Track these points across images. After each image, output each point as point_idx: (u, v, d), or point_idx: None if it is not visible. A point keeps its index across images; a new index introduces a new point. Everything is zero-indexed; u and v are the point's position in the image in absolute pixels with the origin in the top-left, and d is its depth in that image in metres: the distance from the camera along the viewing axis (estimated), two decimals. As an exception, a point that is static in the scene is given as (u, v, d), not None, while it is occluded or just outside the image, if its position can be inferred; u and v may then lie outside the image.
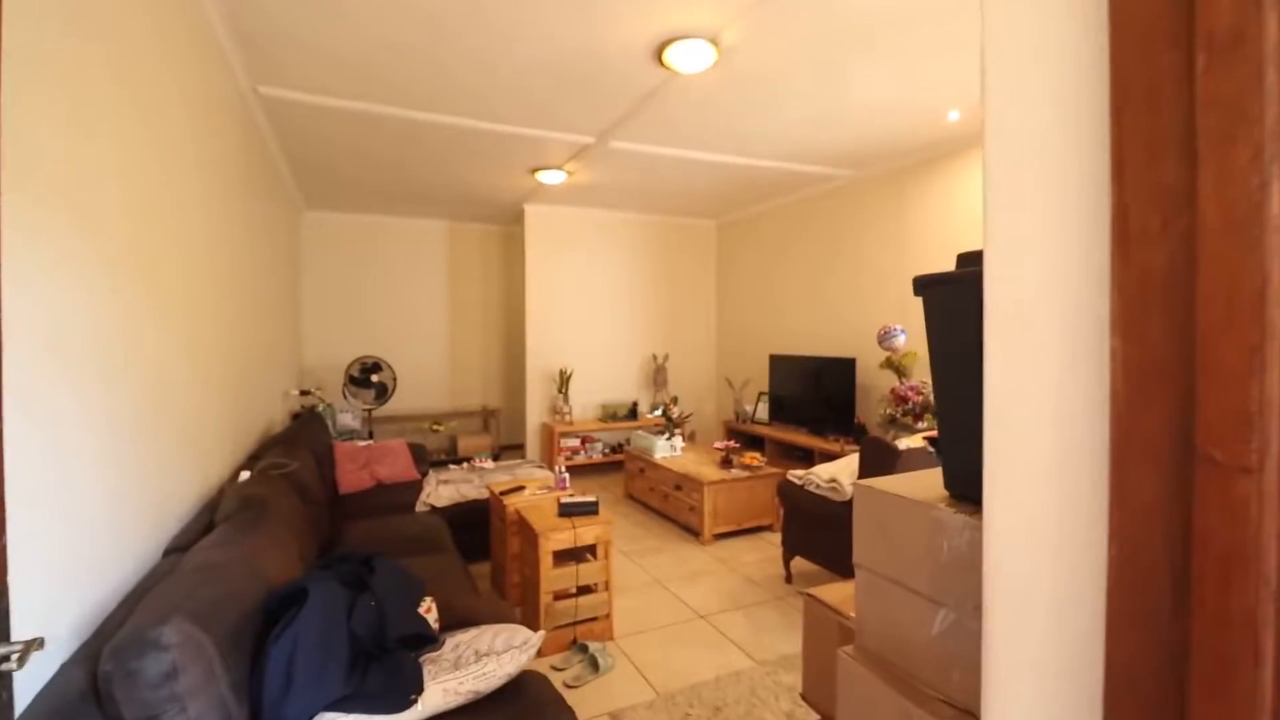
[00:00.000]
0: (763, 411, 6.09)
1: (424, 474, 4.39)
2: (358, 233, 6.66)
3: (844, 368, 5.08)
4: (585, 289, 6.60)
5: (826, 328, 5.60)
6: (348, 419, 5.40)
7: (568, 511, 2.94)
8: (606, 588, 2.94)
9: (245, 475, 2.66)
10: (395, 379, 6.11)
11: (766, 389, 6.12)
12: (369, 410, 6.01)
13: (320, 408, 4.94)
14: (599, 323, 6.70)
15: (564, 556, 2.88)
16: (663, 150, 4.39)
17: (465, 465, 4.64)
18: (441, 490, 3.93)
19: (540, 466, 4.72)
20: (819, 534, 3.29)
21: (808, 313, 5.84)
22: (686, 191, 5.75)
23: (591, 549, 2.95)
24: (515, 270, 7.33)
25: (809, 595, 1.93)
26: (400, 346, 6.84)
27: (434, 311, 7.07)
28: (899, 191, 4.84)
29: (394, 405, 6.44)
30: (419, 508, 3.74)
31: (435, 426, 6.72)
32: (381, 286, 6.79)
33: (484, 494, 3.85)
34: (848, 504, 3.08)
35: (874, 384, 5.02)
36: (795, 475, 3.47)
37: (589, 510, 2.96)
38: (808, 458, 5.32)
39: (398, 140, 4.14)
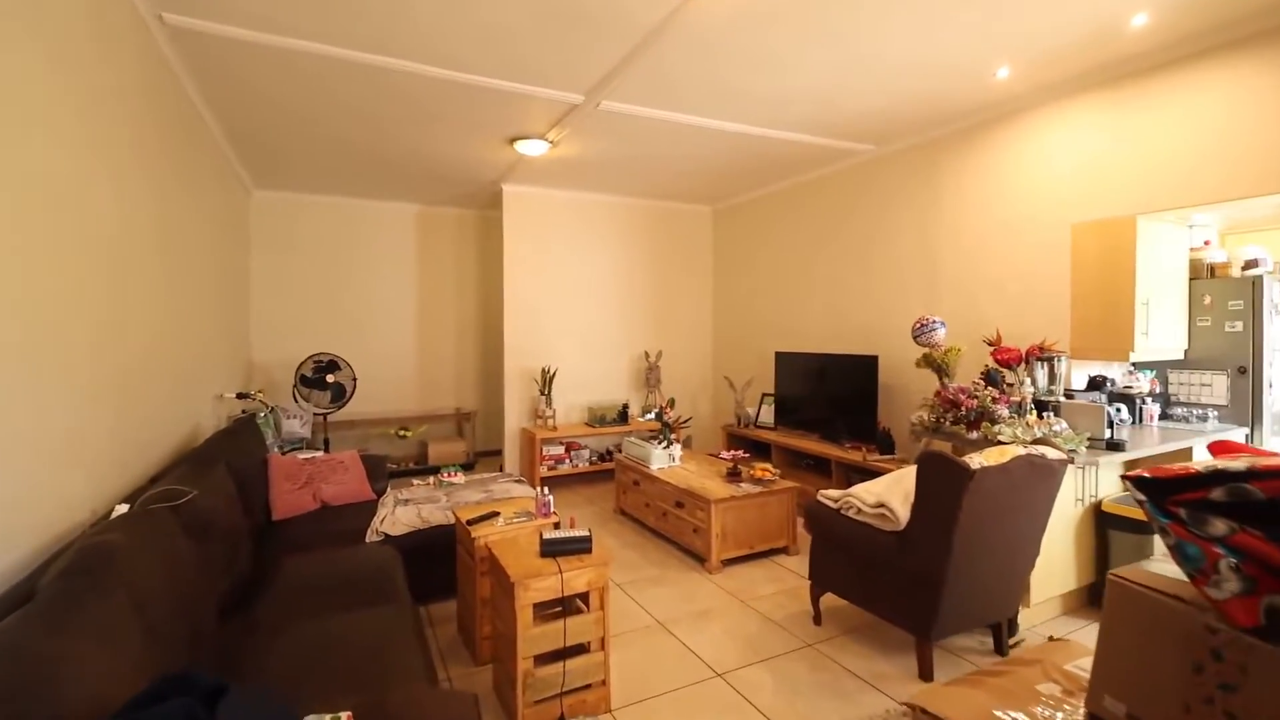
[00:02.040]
0: (767, 414, 5.50)
1: (380, 492, 3.72)
2: (315, 216, 5.94)
3: (864, 366, 4.50)
4: (570, 280, 5.96)
5: (842, 322, 5.02)
6: (295, 426, 4.70)
7: (552, 550, 2.30)
8: (602, 646, 2.32)
9: (121, 510, 2.00)
10: (355, 379, 5.41)
11: (771, 390, 5.54)
12: (324, 415, 5.31)
13: (262, 414, 4.24)
14: (585, 317, 6.06)
15: (548, 607, 2.25)
16: (660, 114, 3.77)
17: (431, 480, 3.97)
18: (400, 513, 3.27)
19: (519, 481, 4.07)
20: (859, 570, 2.70)
21: (820, 306, 5.26)
22: (682, 170, 5.13)
23: (584, 595, 2.32)
24: (492, 259, 6.66)
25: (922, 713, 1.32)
26: (363, 343, 6.14)
27: (402, 304, 6.37)
28: (931, 168, 4.27)
29: (355, 408, 5.74)
30: (370, 537, 3.08)
31: (403, 432, 6.03)
32: (343, 276, 6.08)
33: (450, 518, 3.20)
34: (900, 535, 2.49)
35: (899, 384, 4.45)
36: (828, 496, 2.88)
37: (580, 548, 2.33)
38: (821, 468, 4.75)
39: (348, 98, 3.47)
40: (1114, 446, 2.79)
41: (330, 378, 5.23)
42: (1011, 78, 3.33)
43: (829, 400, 4.85)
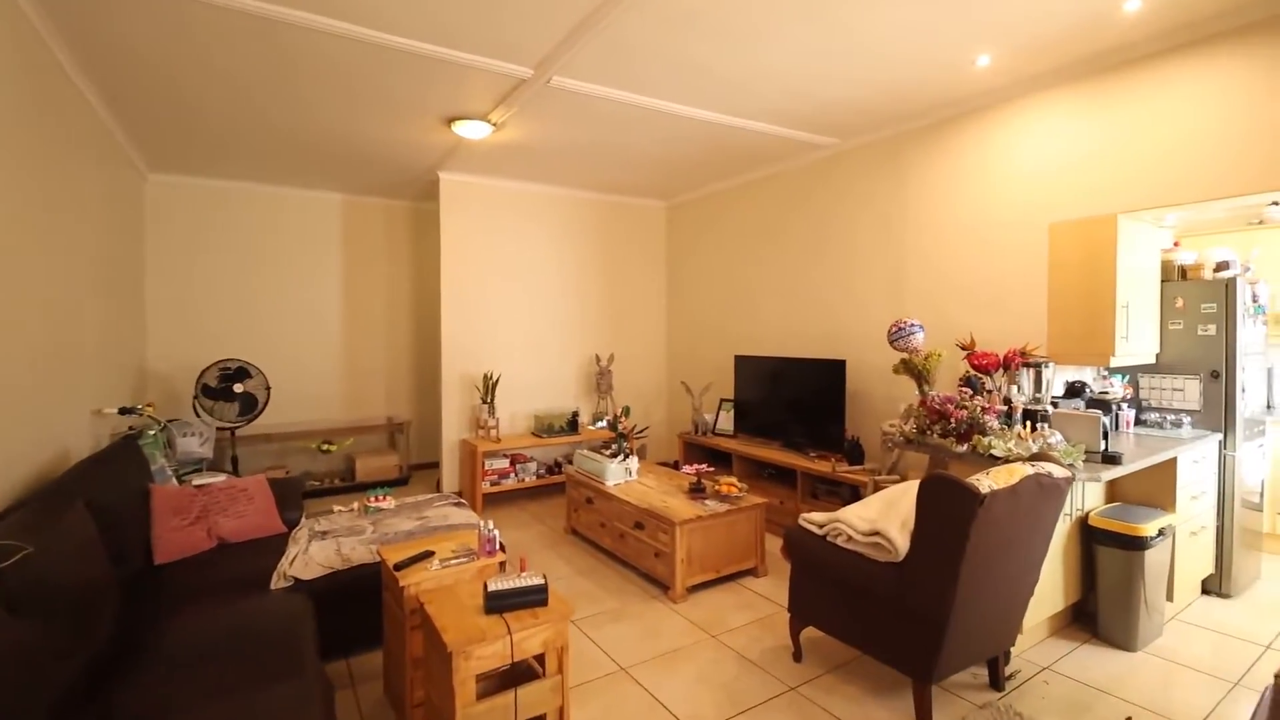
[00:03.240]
0: (725, 422, 5.22)
1: (293, 523, 3.19)
2: (223, 204, 5.26)
3: (830, 371, 4.26)
4: (514, 279, 5.50)
5: (805, 326, 4.78)
6: (194, 444, 4.07)
7: (500, 605, 1.90)
8: (561, 717, 1.92)
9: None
10: (269, 388, 4.79)
11: (730, 395, 5.26)
12: (232, 429, 4.66)
13: (151, 432, 3.61)
14: (531, 319, 5.61)
15: (496, 673, 1.85)
16: (618, 94, 3.40)
17: (355, 506, 3.46)
18: (315, 550, 2.77)
19: (459, 503, 3.61)
20: (848, 604, 2.40)
21: (781, 308, 5.01)
22: (638, 161, 4.78)
23: (539, 656, 1.93)
24: (428, 255, 6.13)
25: None
26: (281, 347, 5.49)
27: (325, 304, 5.75)
28: (896, 164, 4.07)
29: (270, 421, 5.11)
30: (277, 582, 2.57)
31: (326, 446, 5.42)
32: (256, 272, 5.41)
33: (376, 555, 2.73)
34: (898, 567, 2.21)
35: (865, 390, 4.24)
36: (812, 521, 2.58)
37: (533, 600, 1.93)
38: (784, 478, 4.49)
39: (254, 64, 2.93)
40: (1110, 459, 2.61)
41: (239, 387, 4.60)
42: (992, 67, 3.13)
43: (792, 407, 4.60)
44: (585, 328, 5.91)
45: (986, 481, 2.05)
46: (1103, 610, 2.84)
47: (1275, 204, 3.90)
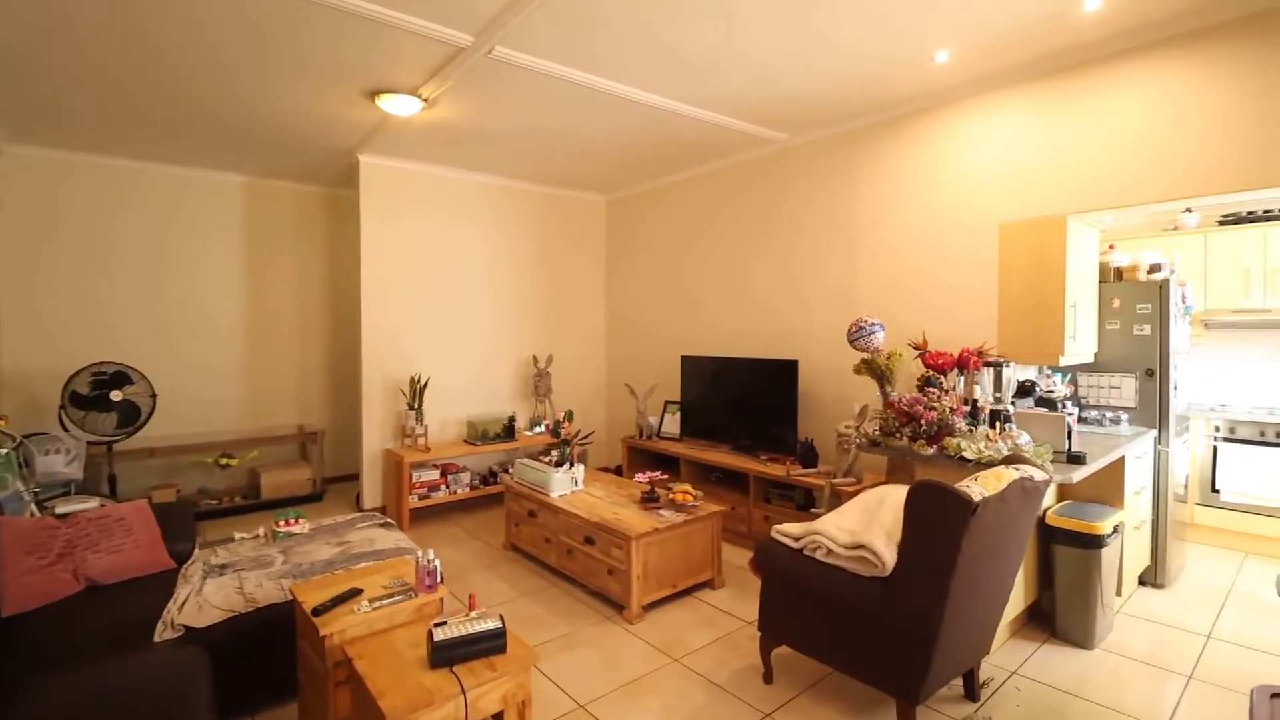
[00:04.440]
0: (671, 424, 5.02)
1: (184, 556, 2.71)
2: (97, 183, 4.54)
3: (782, 372, 4.15)
4: (444, 274, 5.08)
5: (754, 325, 4.66)
6: (58, 464, 3.44)
7: (449, 657, 1.59)
8: (523, 782, 1.64)
9: None
10: (155, 395, 4.17)
11: (676, 397, 5.07)
12: (108, 444, 4.02)
13: (2, 451, 2.99)
14: (463, 318, 5.21)
15: (443, 741, 1.54)
16: (567, 72, 3.12)
17: (262, 532, 3.00)
18: (211, 590, 2.33)
19: (385, 524, 3.22)
20: (828, 622, 2.24)
21: (729, 307, 4.87)
22: (582, 150, 4.50)
23: (498, 715, 1.63)
24: (346, 248, 5.59)
25: None
26: (170, 349, 4.82)
27: (224, 301, 5.11)
28: (847, 161, 4.00)
29: (156, 432, 4.47)
30: (163, 633, 2.13)
31: (225, 460, 4.80)
32: (139, 262, 4.72)
33: (289, 593, 2.33)
34: (885, 582, 2.07)
35: (818, 391, 4.16)
36: (786, 534, 2.40)
37: (489, 647, 1.63)
38: (733, 482, 4.35)
39: (138, 16, 2.44)
40: (1075, 459, 2.59)
41: (117, 394, 3.97)
42: (950, 64, 3.09)
43: (742, 409, 4.46)
44: (521, 327, 5.56)
45: (976, 488, 1.94)
46: (1060, 609, 2.84)
47: (1189, 211, 4.14)
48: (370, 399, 4.74)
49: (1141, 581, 3.38)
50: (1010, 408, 2.87)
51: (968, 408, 2.85)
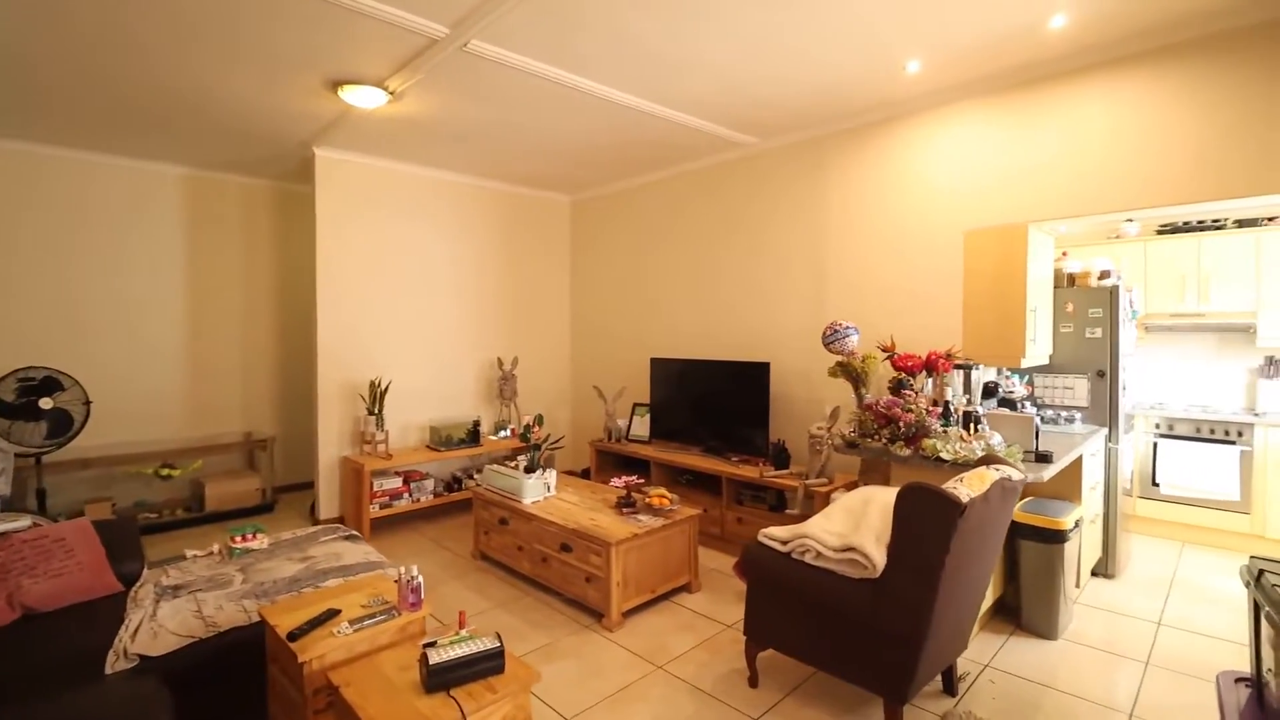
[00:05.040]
0: (640, 427, 4.99)
1: (132, 578, 2.51)
2: (22, 173, 4.17)
3: (754, 374, 4.17)
4: (404, 274, 4.90)
5: (724, 327, 4.67)
6: (-21, 479, 3.14)
7: (446, 680, 1.51)
8: (523, 806, 1.58)
9: None
10: (89, 403, 3.86)
11: (644, 400, 5.04)
12: (37, 455, 3.70)
13: (-89, 465, 2.71)
14: (424, 319, 5.04)
15: (441, 770, 1.46)
16: (543, 68, 3.04)
17: (217, 549, 2.82)
18: (166, 614, 2.16)
19: (350, 537, 3.08)
20: (817, 624, 2.26)
21: (699, 309, 4.87)
22: (551, 148, 4.41)
23: (492, 737, 1.56)
24: (298, 246, 5.33)
25: None
26: (104, 352, 4.49)
27: (164, 301, 4.79)
28: (817, 167, 4.06)
29: (90, 442, 4.15)
30: (115, 663, 1.95)
31: (166, 470, 4.50)
32: (68, 260, 4.37)
33: (252, 613, 2.18)
34: (875, 584, 2.09)
35: (788, 393, 4.20)
36: (774, 538, 2.41)
37: (487, 668, 1.56)
38: (703, 484, 4.37)
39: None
40: (1043, 458, 2.70)
41: (47, 402, 3.66)
42: (920, 73, 3.17)
43: (713, 411, 4.47)
44: (485, 329, 5.42)
45: (963, 489, 1.98)
46: (1026, 602, 2.94)
47: (1130, 220, 4.38)
48: (326, 404, 4.52)
49: (1094, 573, 3.54)
50: (980, 409, 2.97)
51: (939, 409, 2.93)
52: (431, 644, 1.62)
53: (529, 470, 3.73)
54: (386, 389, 4.60)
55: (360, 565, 2.67)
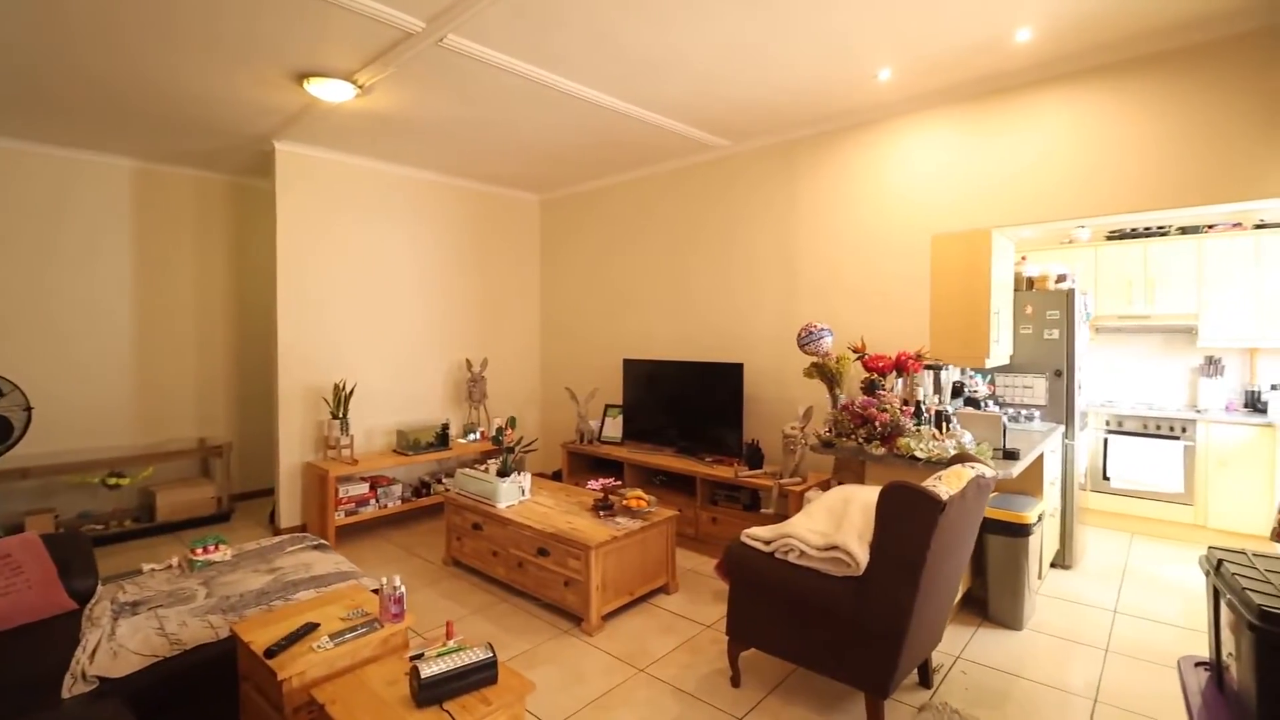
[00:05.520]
0: (613, 428, 4.98)
1: (86, 594, 2.36)
2: (-56, 161, 3.90)
3: (727, 375, 4.21)
4: (369, 273, 4.76)
5: (697, 328, 4.69)
6: (-93, 493, 2.91)
7: (438, 694, 1.47)
8: (517, 818, 1.55)
9: None
10: (30, 409, 3.63)
11: (617, 401, 5.03)
12: (-31, 466, 3.46)
13: None
14: (390, 320, 4.91)
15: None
16: (520, 66, 2.99)
17: (176, 562, 2.69)
18: (126, 633, 2.05)
19: (319, 546, 2.98)
20: (801, 623, 2.28)
21: (671, 310, 4.88)
22: (522, 146, 4.35)
23: (484, 750, 1.52)
24: (256, 243, 5.14)
25: None
26: (42, 355, 4.22)
27: (110, 302, 4.54)
28: (788, 170, 4.12)
29: (31, 450, 3.89)
30: (73, 686, 1.83)
31: (114, 479, 4.26)
32: (7, 259, 4.09)
33: (220, 629, 2.09)
34: (859, 581, 2.13)
35: (759, 393, 4.25)
36: (756, 538, 2.42)
37: (480, 679, 1.52)
38: (677, 485, 4.39)
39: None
40: (1010, 455, 2.79)
41: (-21, 409, 3.42)
42: (891, 81, 3.24)
43: (687, 411, 4.49)
44: (453, 330, 5.32)
45: (943, 487, 2.03)
46: (993, 594, 3.04)
47: (1082, 227, 4.58)
48: (288, 407, 4.36)
49: (1053, 564, 3.69)
50: (950, 408, 3.05)
51: (911, 409, 3.00)
52: (419, 656, 1.58)
53: (503, 474, 3.68)
54: (352, 392, 4.47)
55: (333, 576, 2.58)
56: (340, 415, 4.40)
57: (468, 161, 4.73)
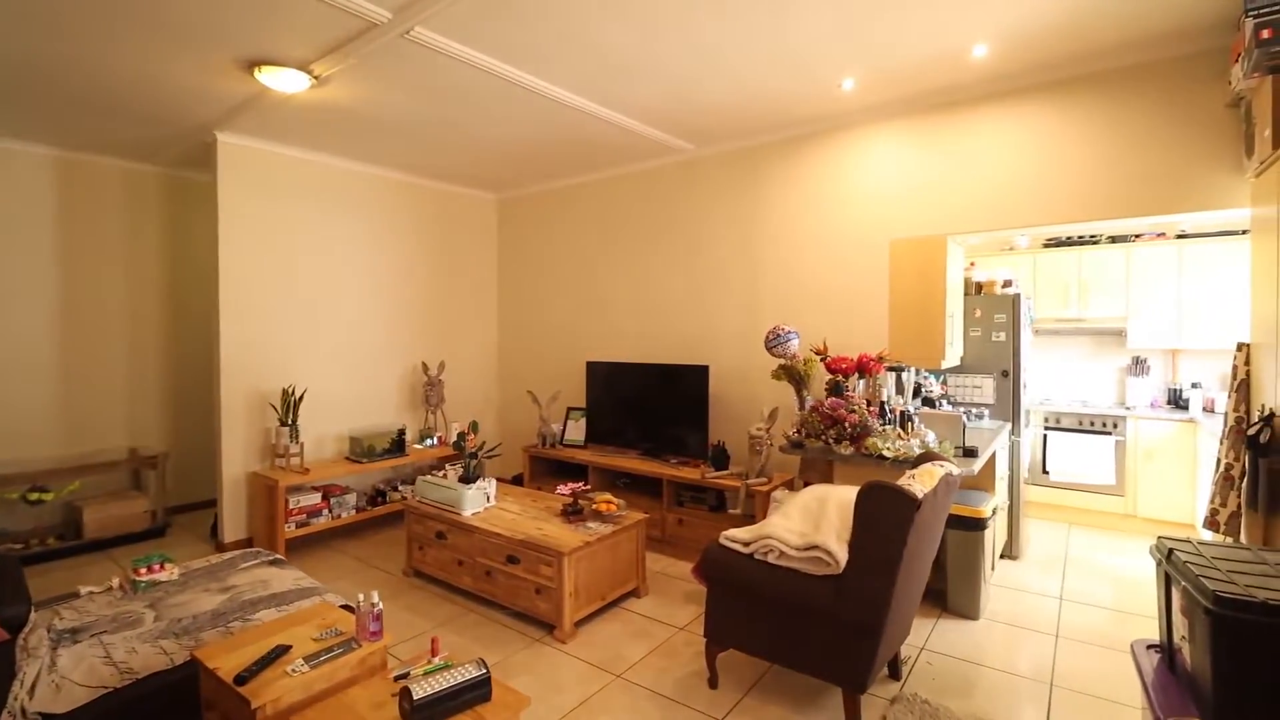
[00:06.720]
0: (575, 431, 4.93)
1: (19, 622, 2.16)
2: None
3: (692, 376, 4.23)
4: (319, 273, 4.55)
5: (661, 330, 4.70)
6: None
7: (429, 715, 1.41)
8: (512, 838, 1.50)
9: None
10: (-66, 420, 3.29)
11: (580, 404, 4.98)
12: None
13: None
14: (341, 322, 4.70)
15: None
16: (488, 61, 2.92)
17: (117, 583, 2.50)
18: (68, 663, 1.88)
19: (275, 561, 2.82)
20: (780, 622, 2.31)
21: (634, 312, 4.87)
22: (483, 144, 4.26)
23: (478, 769, 1.47)
24: (194, 240, 4.84)
25: None
26: (-53, 359, 3.85)
27: (28, 303, 4.17)
28: (751, 174, 4.18)
29: (-67, 467, 3.53)
30: (5, 727, 1.68)
31: (36, 494, 3.92)
32: (-104, 250, 3.71)
33: (175, 655, 1.94)
34: (838, 579, 2.17)
35: (722, 394, 4.29)
36: (735, 539, 2.44)
37: (474, 697, 1.47)
38: (641, 487, 4.39)
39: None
40: (969, 452, 2.91)
41: (-124, 421, 3.08)
42: (853, 90, 3.33)
43: (651, 413, 4.49)
44: (408, 332, 5.15)
45: (917, 485, 2.10)
46: (952, 586, 3.17)
47: (1023, 235, 4.83)
48: (231, 415, 4.12)
49: (1001, 555, 3.88)
50: (912, 408, 3.16)
51: (875, 409, 3.09)
52: (404, 675, 1.51)
53: (466, 480, 3.58)
54: (301, 397, 4.26)
55: (294, 593, 2.45)
56: (289, 422, 4.18)
57: (425, 158, 4.59)
